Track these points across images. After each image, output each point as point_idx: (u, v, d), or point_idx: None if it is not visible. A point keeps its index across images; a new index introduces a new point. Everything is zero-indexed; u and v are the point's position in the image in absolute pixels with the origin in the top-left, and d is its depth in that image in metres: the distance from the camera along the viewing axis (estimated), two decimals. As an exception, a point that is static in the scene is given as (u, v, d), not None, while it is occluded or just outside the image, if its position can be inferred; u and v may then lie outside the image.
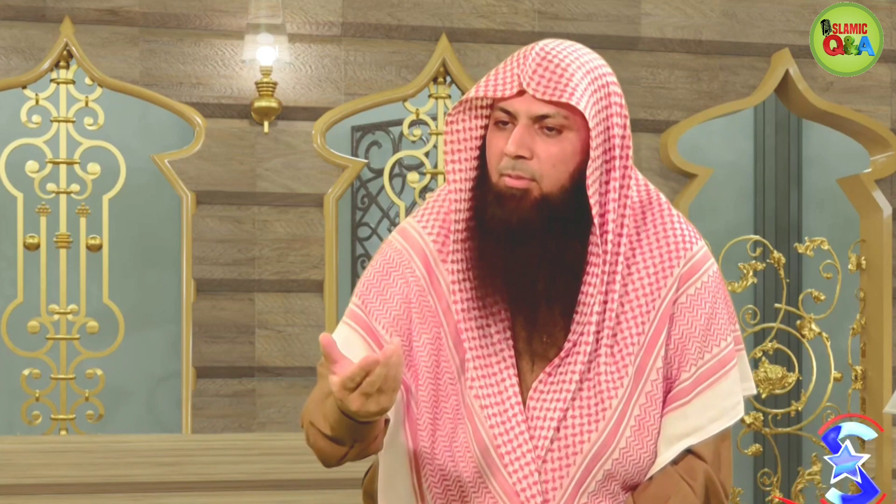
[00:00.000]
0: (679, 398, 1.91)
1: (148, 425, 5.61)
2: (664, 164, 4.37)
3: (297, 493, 4.01)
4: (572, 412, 1.88)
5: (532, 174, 1.84)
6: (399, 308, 1.95)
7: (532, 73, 1.83)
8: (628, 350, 1.89)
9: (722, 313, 1.95)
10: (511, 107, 1.85)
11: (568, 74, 1.83)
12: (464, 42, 4.27)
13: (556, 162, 1.84)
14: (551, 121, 1.83)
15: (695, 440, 1.91)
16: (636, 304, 1.91)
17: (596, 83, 1.86)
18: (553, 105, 1.83)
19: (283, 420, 4.16)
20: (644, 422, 1.90)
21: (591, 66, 1.87)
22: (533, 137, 1.84)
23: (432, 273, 1.95)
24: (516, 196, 1.84)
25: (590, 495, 1.89)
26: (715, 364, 1.92)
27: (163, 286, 5.56)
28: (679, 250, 1.93)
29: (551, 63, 1.84)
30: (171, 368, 5.40)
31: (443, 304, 1.93)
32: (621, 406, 1.88)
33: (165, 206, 5.37)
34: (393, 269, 1.98)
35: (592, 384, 1.89)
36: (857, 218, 4.59)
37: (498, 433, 1.88)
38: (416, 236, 1.98)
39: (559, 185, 1.85)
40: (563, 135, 1.84)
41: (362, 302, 1.98)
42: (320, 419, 1.89)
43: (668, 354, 1.92)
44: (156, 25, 4.12)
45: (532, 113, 1.84)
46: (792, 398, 4.76)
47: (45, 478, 3.92)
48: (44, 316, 4.13)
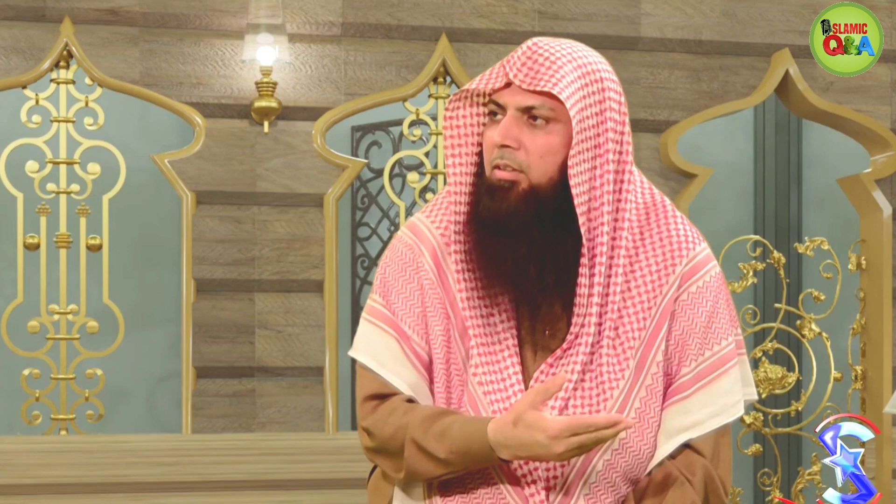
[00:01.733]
0: (679, 392, 1.94)
1: (148, 425, 5.61)
2: (664, 164, 4.37)
3: (297, 493, 4.01)
4: (574, 402, 1.90)
5: (520, 165, 1.87)
6: (420, 304, 1.98)
7: (521, 65, 1.87)
8: (629, 344, 1.92)
9: (723, 313, 1.97)
10: (500, 99, 1.89)
11: (556, 67, 1.86)
12: (464, 42, 4.27)
13: (543, 153, 1.87)
14: (537, 112, 1.86)
15: (694, 434, 1.93)
16: (638, 300, 1.93)
17: (588, 77, 1.88)
18: (539, 96, 1.86)
19: (283, 420, 4.16)
20: (644, 414, 1.92)
21: (585, 60, 1.89)
22: (521, 129, 1.87)
23: (440, 266, 1.98)
24: (504, 188, 1.87)
25: (591, 486, 1.91)
26: (715, 361, 1.95)
27: (163, 286, 5.56)
28: (682, 249, 1.95)
29: (540, 56, 1.87)
30: (171, 368, 5.40)
31: (450, 296, 1.96)
32: (622, 397, 1.91)
33: (165, 206, 5.37)
34: (407, 264, 2.01)
35: (595, 375, 1.91)
36: (857, 218, 4.59)
37: None
38: (424, 231, 2.01)
39: (547, 176, 1.88)
40: (550, 126, 1.87)
41: (386, 301, 2.00)
42: (432, 441, 1.87)
43: (669, 350, 1.94)
44: (156, 25, 4.12)
45: (519, 104, 1.87)
46: (792, 398, 4.76)
47: (45, 478, 3.92)
48: (44, 316, 4.13)
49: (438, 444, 1.87)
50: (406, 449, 1.90)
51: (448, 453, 1.86)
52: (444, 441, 1.86)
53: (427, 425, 1.88)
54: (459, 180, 1.93)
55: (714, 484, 1.95)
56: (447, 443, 1.86)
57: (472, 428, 1.85)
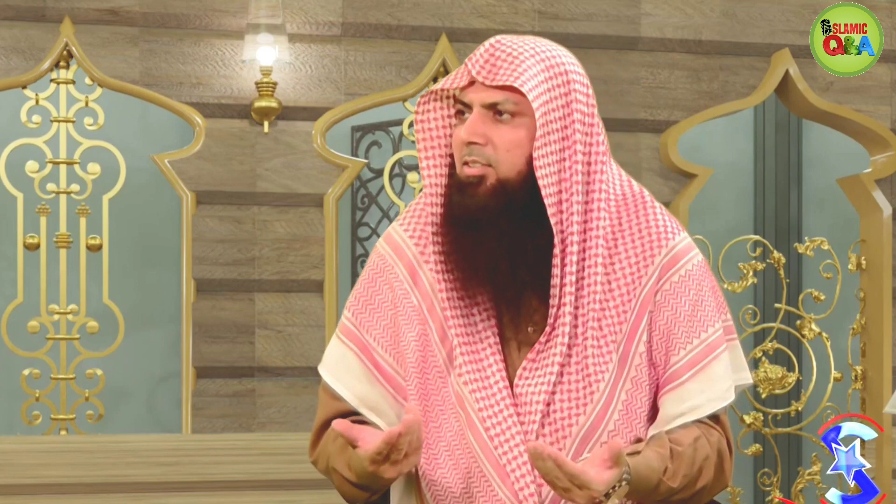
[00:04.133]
0: (674, 379, 1.95)
1: (148, 425, 5.60)
2: (664, 164, 4.37)
3: (297, 493, 4.01)
4: (560, 395, 1.91)
5: (487, 160, 1.88)
6: (387, 317, 2.01)
7: (483, 62, 1.89)
8: (612, 337, 1.92)
9: (709, 301, 1.98)
10: (465, 97, 1.91)
11: (518, 62, 1.87)
12: (464, 42, 4.27)
13: (510, 147, 1.88)
14: (502, 107, 1.88)
15: (691, 418, 1.94)
16: (618, 292, 1.94)
17: (551, 70, 1.89)
18: (502, 91, 1.88)
19: (283, 420, 4.17)
20: (631, 406, 1.93)
21: (548, 54, 1.91)
22: (487, 124, 1.89)
23: (416, 274, 1.99)
24: (473, 183, 1.89)
25: None
26: (705, 348, 1.96)
27: (163, 286, 5.56)
28: (660, 240, 1.96)
29: (502, 52, 1.89)
30: (171, 368, 5.40)
31: (427, 302, 1.97)
32: (609, 389, 1.92)
33: (165, 206, 5.36)
34: (379, 276, 2.03)
35: (580, 368, 1.92)
36: (857, 218, 4.59)
37: (487, 416, 1.92)
38: (398, 240, 2.03)
39: (516, 170, 1.89)
40: (516, 119, 1.88)
41: (353, 315, 2.04)
42: (345, 468, 1.96)
43: (655, 341, 1.95)
44: (156, 25, 4.12)
45: (483, 101, 1.89)
46: (792, 398, 4.76)
47: (45, 478, 3.92)
48: (44, 316, 4.13)
49: (351, 471, 1.94)
50: (333, 478, 2.00)
51: (356, 477, 1.93)
52: (354, 469, 1.93)
53: (339, 453, 1.98)
54: (434, 182, 1.95)
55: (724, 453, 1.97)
56: (356, 470, 1.92)
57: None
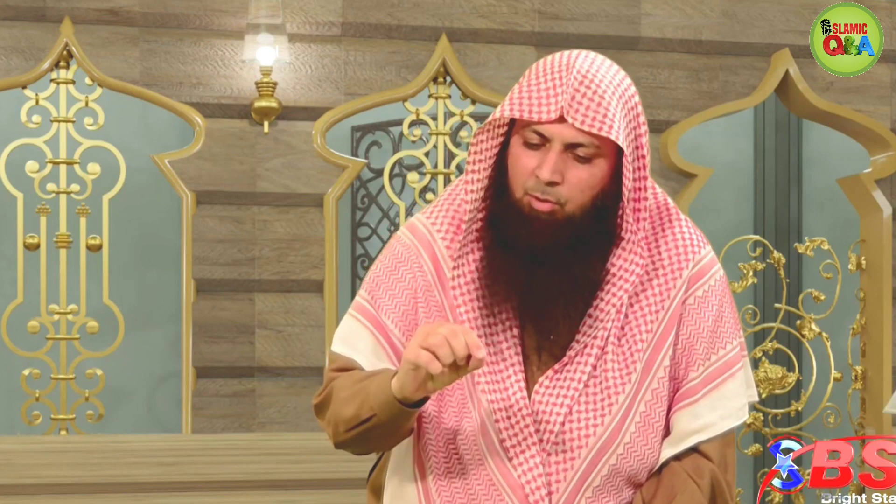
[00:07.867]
0: (688, 396, 1.94)
1: (148, 425, 5.60)
2: (664, 164, 4.37)
3: (297, 493, 4.01)
4: (578, 407, 1.90)
5: (559, 198, 1.86)
6: (407, 302, 1.98)
7: (571, 99, 1.84)
8: (637, 347, 1.92)
9: (728, 317, 1.98)
10: (547, 131, 1.86)
11: (605, 103, 1.84)
12: (464, 42, 4.27)
13: (584, 187, 1.87)
14: (583, 150, 1.85)
15: (705, 436, 1.93)
16: (646, 303, 1.93)
17: (626, 107, 1.88)
18: (588, 134, 1.85)
19: (283, 420, 4.16)
20: (649, 418, 1.92)
21: (622, 88, 1.89)
22: (565, 163, 1.86)
23: (440, 269, 1.98)
24: (541, 219, 1.86)
25: (594, 490, 1.91)
26: (721, 366, 1.95)
27: (163, 286, 5.56)
28: (688, 253, 1.96)
29: (589, 89, 1.84)
30: (171, 368, 5.40)
31: (449, 299, 1.95)
32: (627, 401, 1.91)
33: (165, 206, 5.37)
34: (401, 263, 2.00)
35: (599, 380, 1.91)
36: (857, 218, 4.59)
37: (503, 427, 1.90)
38: (424, 232, 2.01)
39: (582, 208, 1.87)
40: (593, 162, 1.86)
41: (371, 296, 2.00)
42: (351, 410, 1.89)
43: (676, 354, 1.94)
44: (156, 25, 4.12)
45: (566, 139, 1.85)
46: (792, 398, 4.76)
47: (45, 478, 3.92)
48: (44, 316, 4.13)
49: (364, 407, 1.88)
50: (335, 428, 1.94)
51: (370, 409, 1.87)
52: (372, 401, 1.87)
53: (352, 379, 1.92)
54: (476, 196, 1.92)
55: (721, 488, 1.95)
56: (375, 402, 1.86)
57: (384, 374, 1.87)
